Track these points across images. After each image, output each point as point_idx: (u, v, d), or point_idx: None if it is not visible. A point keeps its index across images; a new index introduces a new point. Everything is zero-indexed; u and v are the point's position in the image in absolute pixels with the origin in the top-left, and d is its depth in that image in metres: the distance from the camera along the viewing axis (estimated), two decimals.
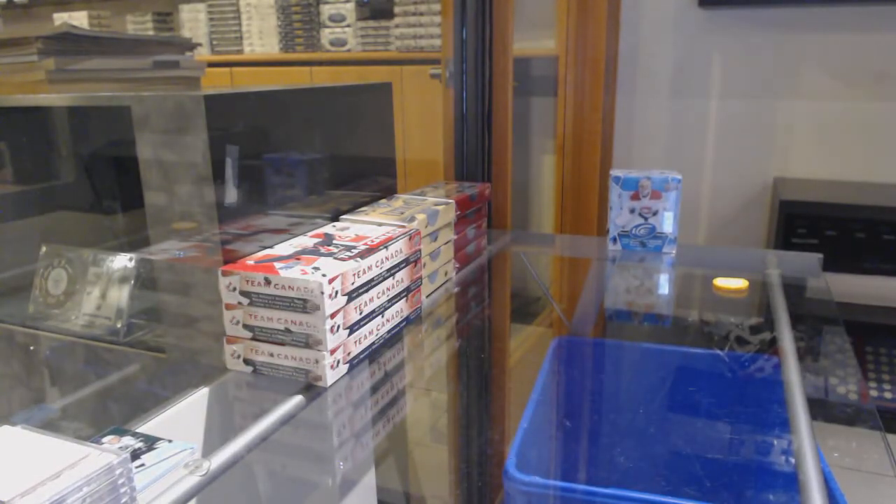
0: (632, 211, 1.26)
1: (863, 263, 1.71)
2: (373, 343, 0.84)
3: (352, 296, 0.77)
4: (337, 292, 0.74)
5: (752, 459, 0.92)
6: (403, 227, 0.93)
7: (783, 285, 1.10)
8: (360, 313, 0.79)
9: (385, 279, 0.85)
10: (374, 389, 0.82)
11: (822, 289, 1.14)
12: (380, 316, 0.85)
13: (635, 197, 1.25)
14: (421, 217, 0.97)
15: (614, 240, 1.28)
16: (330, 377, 0.75)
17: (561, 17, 1.91)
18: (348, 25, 2.64)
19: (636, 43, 2.01)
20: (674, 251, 1.28)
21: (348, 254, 0.80)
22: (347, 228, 0.93)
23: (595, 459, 0.99)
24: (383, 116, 1.13)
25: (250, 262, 0.78)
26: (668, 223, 1.26)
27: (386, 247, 0.85)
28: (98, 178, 1.09)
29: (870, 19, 1.77)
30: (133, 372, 0.89)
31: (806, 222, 1.72)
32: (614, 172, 1.25)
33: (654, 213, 1.25)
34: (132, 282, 0.90)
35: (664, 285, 1.30)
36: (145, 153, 0.77)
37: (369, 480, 0.91)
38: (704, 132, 2.01)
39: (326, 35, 2.68)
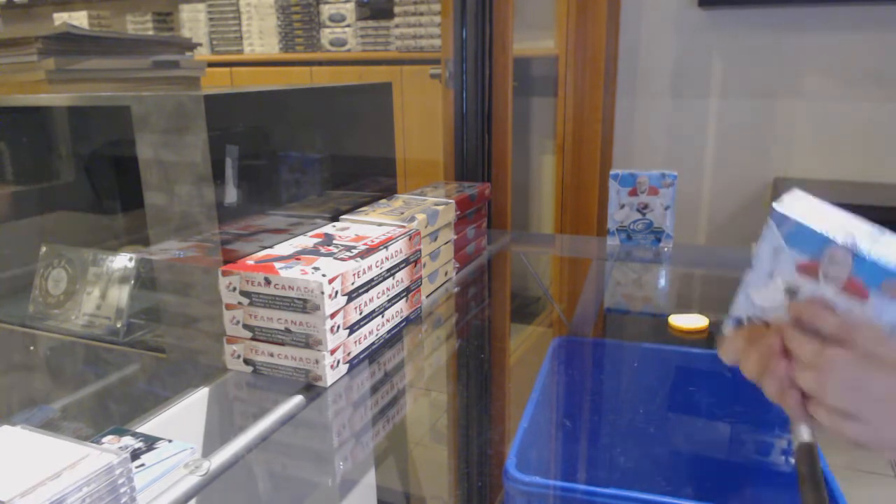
0: (630, 207, 1.29)
1: None
2: (373, 343, 0.84)
3: (352, 296, 0.77)
4: (337, 292, 0.74)
5: (751, 459, 0.92)
6: (403, 227, 0.93)
7: None
8: (360, 313, 0.79)
9: (385, 279, 0.85)
10: (374, 389, 0.82)
11: None
12: (380, 316, 0.85)
13: (633, 193, 1.27)
14: (421, 217, 0.97)
15: (613, 234, 1.32)
16: (330, 377, 0.75)
17: (561, 17, 1.91)
18: (348, 25, 2.64)
19: (636, 43, 2.01)
20: (670, 245, 1.30)
21: (348, 254, 0.80)
22: (347, 228, 0.93)
23: (595, 459, 0.99)
24: (383, 116, 1.13)
25: (250, 262, 0.78)
26: (664, 218, 1.28)
27: (386, 247, 0.85)
28: (98, 178, 1.09)
29: (870, 19, 1.77)
30: (133, 372, 0.89)
31: None
32: (613, 171, 1.28)
33: (652, 209, 1.28)
34: (132, 282, 0.90)
35: (663, 283, 1.30)
36: (145, 153, 0.77)
37: (369, 480, 0.91)
38: (704, 132, 2.01)
39: (326, 35, 2.68)
